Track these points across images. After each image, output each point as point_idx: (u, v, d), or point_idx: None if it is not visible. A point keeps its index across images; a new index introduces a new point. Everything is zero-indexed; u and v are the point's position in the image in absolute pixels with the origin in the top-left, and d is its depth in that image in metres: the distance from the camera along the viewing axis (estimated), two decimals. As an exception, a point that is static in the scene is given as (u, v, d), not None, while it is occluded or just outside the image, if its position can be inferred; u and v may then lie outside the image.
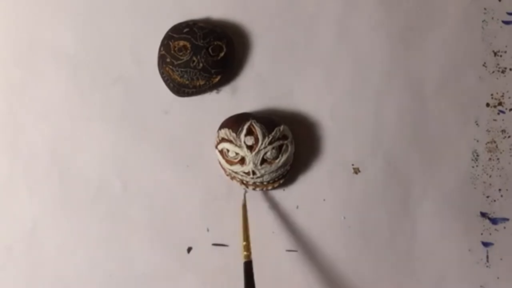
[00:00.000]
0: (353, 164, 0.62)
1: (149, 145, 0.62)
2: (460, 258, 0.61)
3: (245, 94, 0.62)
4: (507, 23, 0.61)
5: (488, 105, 0.62)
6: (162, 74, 0.61)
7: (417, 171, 0.61)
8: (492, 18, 0.61)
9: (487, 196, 0.61)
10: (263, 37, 0.62)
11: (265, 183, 0.60)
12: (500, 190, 0.61)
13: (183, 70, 0.60)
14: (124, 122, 0.62)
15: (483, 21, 0.62)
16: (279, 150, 0.59)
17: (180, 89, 0.61)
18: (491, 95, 0.62)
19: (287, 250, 0.61)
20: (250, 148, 0.58)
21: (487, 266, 0.61)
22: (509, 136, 0.61)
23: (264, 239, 0.61)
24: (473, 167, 0.61)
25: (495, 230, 0.61)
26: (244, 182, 0.60)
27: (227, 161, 0.59)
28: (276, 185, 0.60)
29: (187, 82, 0.61)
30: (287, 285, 0.61)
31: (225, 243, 0.62)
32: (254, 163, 0.58)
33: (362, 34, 0.62)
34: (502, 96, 0.62)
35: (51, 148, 0.62)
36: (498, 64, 0.62)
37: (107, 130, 0.62)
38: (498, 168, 0.61)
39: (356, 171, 0.62)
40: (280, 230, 0.61)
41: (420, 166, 0.61)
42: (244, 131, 0.58)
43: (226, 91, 0.62)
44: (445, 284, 0.61)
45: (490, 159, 0.61)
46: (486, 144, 0.62)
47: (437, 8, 0.62)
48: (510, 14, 0.61)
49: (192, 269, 0.61)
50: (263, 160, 0.58)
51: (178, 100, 0.62)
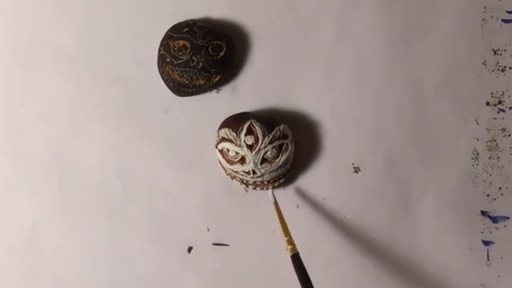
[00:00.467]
0: (353, 163, 0.62)
1: (149, 145, 0.62)
2: (461, 256, 0.61)
3: (245, 93, 0.62)
4: (506, 21, 0.61)
5: (488, 103, 0.62)
6: (162, 74, 0.61)
7: (417, 170, 0.61)
8: (492, 17, 0.61)
9: (488, 195, 0.61)
10: (263, 36, 0.62)
11: (265, 183, 0.60)
12: (500, 188, 0.61)
13: (183, 69, 0.60)
14: (124, 122, 0.62)
15: (482, 19, 0.62)
16: (279, 149, 0.59)
17: (180, 88, 0.61)
18: (491, 93, 0.62)
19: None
20: (250, 147, 0.58)
21: (487, 265, 0.61)
22: (509, 135, 0.61)
23: (264, 238, 0.61)
24: (473, 165, 0.61)
25: (496, 228, 0.61)
26: (244, 182, 0.60)
27: (227, 160, 0.59)
28: (276, 184, 0.60)
29: (187, 82, 0.61)
30: (287, 284, 0.60)
31: (225, 243, 0.62)
32: (254, 162, 0.58)
33: (362, 34, 0.62)
34: (502, 94, 0.62)
35: (51, 148, 0.62)
36: (498, 63, 0.62)
37: (107, 130, 0.62)
38: (499, 167, 0.61)
39: (357, 170, 0.62)
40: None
41: (420, 165, 0.61)
42: (244, 131, 0.58)
43: (226, 90, 0.62)
44: (445, 283, 0.61)
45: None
46: (486, 142, 0.62)
47: (436, 7, 0.62)
48: (510, 12, 0.61)
49: (192, 269, 0.61)
50: (263, 160, 0.58)
51: (178, 99, 0.62)
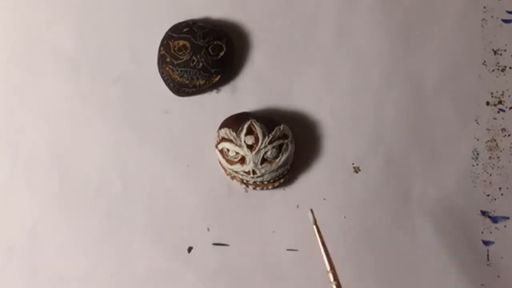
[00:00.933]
0: (353, 163, 0.62)
1: (149, 145, 0.62)
2: (461, 256, 0.61)
3: (245, 93, 0.62)
4: (506, 21, 0.61)
5: (488, 103, 0.62)
6: (162, 74, 0.61)
7: (417, 170, 0.61)
8: (492, 17, 0.61)
9: (488, 195, 0.61)
10: (263, 36, 0.62)
11: (265, 183, 0.60)
12: (500, 188, 0.61)
13: (183, 69, 0.60)
14: (124, 122, 0.62)
15: (482, 19, 0.62)
16: (279, 149, 0.59)
17: (180, 88, 0.61)
18: (491, 93, 0.62)
19: (287, 249, 0.61)
20: (250, 147, 0.58)
21: (487, 265, 0.61)
22: (509, 135, 0.61)
23: (264, 238, 0.61)
24: (473, 165, 0.61)
25: (496, 228, 0.61)
26: (245, 182, 0.60)
27: (227, 160, 0.59)
28: (276, 184, 0.60)
29: (187, 82, 0.61)
30: (288, 284, 0.60)
31: (225, 243, 0.62)
32: (254, 162, 0.58)
33: (362, 34, 0.62)
34: (502, 94, 0.62)
35: (51, 148, 0.62)
36: (498, 63, 0.62)
37: (107, 130, 0.62)
38: (499, 167, 0.61)
39: (357, 170, 0.62)
40: (281, 229, 0.61)
41: (420, 165, 0.61)
42: (244, 131, 0.58)
43: (226, 90, 0.62)
44: (445, 283, 0.61)
45: (490, 157, 0.61)
46: (486, 142, 0.62)
47: (436, 6, 0.62)
48: (510, 12, 0.61)
49: (192, 268, 0.61)
50: (264, 160, 0.58)
51: (178, 99, 0.62)
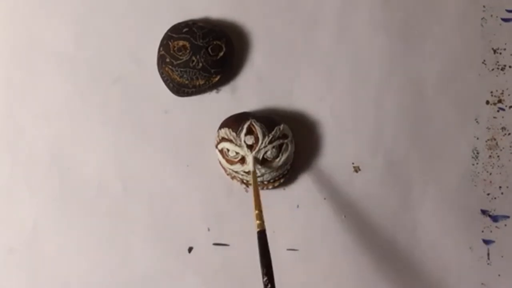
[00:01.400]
0: (353, 163, 0.62)
1: (149, 145, 0.62)
2: (461, 255, 0.61)
3: (244, 93, 0.62)
4: (506, 20, 0.61)
5: (488, 102, 0.62)
6: (161, 74, 0.61)
7: (417, 169, 0.61)
8: (491, 16, 0.62)
9: (488, 194, 0.61)
10: (263, 36, 0.62)
11: (265, 182, 0.60)
12: (500, 187, 0.61)
13: (182, 70, 0.60)
14: (124, 122, 0.62)
15: (482, 18, 0.62)
16: (279, 149, 0.59)
17: (179, 89, 0.61)
18: (491, 92, 0.62)
19: (288, 249, 0.61)
20: (250, 147, 0.58)
21: (488, 264, 0.61)
22: (509, 134, 0.61)
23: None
24: (473, 164, 0.61)
25: (496, 227, 0.61)
26: (245, 182, 0.60)
27: (227, 160, 0.59)
28: (276, 184, 0.60)
29: (186, 82, 0.61)
30: (288, 283, 0.60)
31: (226, 243, 0.61)
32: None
33: (362, 33, 0.62)
34: (502, 93, 0.62)
35: (51, 148, 0.62)
36: (498, 62, 0.62)
37: (107, 130, 0.62)
38: (499, 166, 0.61)
39: (357, 169, 0.62)
40: (281, 229, 0.61)
41: (420, 164, 0.61)
42: (244, 131, 0.58)
43: (225, 90, 0.62)
44: (446, 282, 0.61)
45: (490, 156, 0.61)
46: (486, 141, 0.62)
47: (436, 6, 0.62)
48: (509, 11, 0.61)
49: (193, 268, 0.61)
50: (264, 160, 0.58)
51: (178, 100, 0.62)
